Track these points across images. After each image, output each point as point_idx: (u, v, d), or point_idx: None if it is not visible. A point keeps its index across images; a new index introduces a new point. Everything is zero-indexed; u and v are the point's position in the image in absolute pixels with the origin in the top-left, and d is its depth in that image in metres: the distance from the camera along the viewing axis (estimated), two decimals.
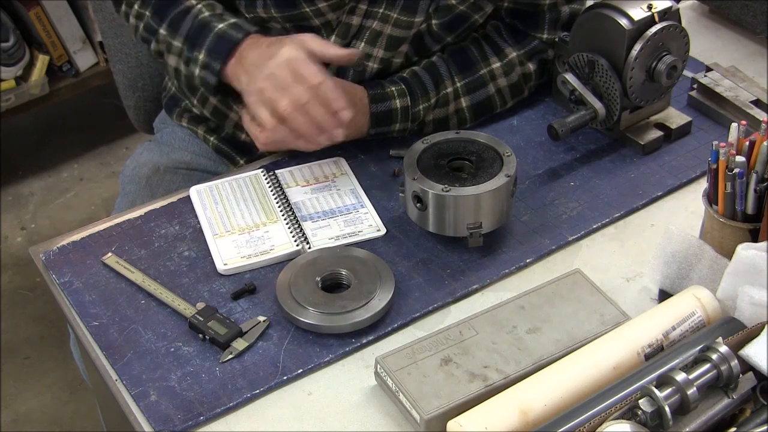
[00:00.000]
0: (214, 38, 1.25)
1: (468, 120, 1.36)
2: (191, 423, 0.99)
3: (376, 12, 1.30)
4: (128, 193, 1.46)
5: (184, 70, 1.29)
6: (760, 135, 1.04)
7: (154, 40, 1.32)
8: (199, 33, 1.26)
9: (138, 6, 1.33)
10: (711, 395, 0.91)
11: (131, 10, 1.34)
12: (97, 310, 1.11)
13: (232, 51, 1.24)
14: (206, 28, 1.26)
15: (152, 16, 1.31)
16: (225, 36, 1.25)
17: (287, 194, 1.26)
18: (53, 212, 2.65)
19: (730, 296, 1.01)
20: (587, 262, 1.16)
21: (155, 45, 1.32)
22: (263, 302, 1.12)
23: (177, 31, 1.28)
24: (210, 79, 1.26)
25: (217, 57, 1.24)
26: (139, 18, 1.33)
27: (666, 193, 1.26)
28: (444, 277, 1.14)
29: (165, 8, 1.30)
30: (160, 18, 1.30)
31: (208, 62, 1.25)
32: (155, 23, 1.31)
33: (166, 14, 1.30)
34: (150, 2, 1.31)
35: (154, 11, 1.31)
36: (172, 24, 1.29)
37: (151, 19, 1.31)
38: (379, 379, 1.01)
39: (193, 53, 1.27)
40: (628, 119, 1.33)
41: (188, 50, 1.27)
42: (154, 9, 1.31)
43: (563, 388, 0.94)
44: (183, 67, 1.29)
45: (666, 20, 1.26)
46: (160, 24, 1.30)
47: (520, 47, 1.36)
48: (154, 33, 1.31)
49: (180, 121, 1.49)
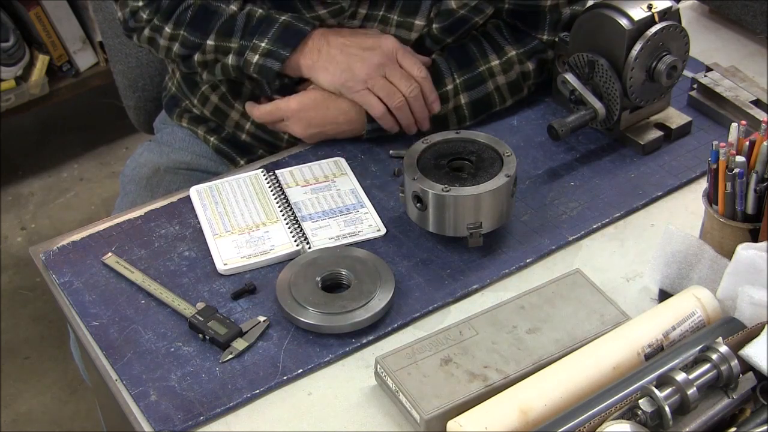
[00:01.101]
0: (280, 28, 1.26)
1: (467, 117, 1.36)
2: (191, 423, 0.99)
3: (376, 15, 1.30)
4: (128, 193, 1.46)
5: (233, 60, 1.29)
6: (760, 135, 1.04)
7: (200, 52, 1.31)
8: (260, 24, 1.27)
9: (170, 29, 1.31)
10: (711, 395, 0.91)
11: (159, 33, 1.33)
12: (97, 310, 1.11)
13: (302, 40, 1.26)
14: (267, 20, 1.27)
15: (191, 33, 1.30)
16: (292, 26, 1.26)
17: (287, 194, 1.26)
18: (53, 212, 2.65)
19: (730, 296, 1.01)
20: (587, 262, 1.16)
21: (200, 56, 1.31)
22: (263, 302, 1.12)
23: (231, 34, 1.28)
24: (273, 65, 1.26)
25: (286, 45, 1.26)
26: (173, 39, 1.32)
27: (666, 193, 1.26)
28: (444, 277, 1.14)
29: (203, 21, 1.30)
30: (202, 33, 1.30)
31: (272, 50, 1.26)
32: (197, 38, 1.30)
33: (208, 28, 1.29)
34: (184, 22, 1.30)
35: (192, 28, 1.30)
36: (221, 32, 1.29)
37: (190, 35, 1.30)
38: (379, 379, 1.01)
39: (252, 42, 1.27)
40: (628, 119, 1.33)
41: (245, 39, 1.27)
42: (192, 26, 1.30)
43: (563, 388, 0.94)
44: (233, 58, 1.29)
45: (666, 20, 1.26)
46: (205, 37, 1.29)
47: (519, 46, 1.36)
48: (198, 46, 1.31)
49: (180, 121, 1.49)
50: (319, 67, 1.27)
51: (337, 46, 1.27)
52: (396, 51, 1.27)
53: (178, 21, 1.31)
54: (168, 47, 1.34)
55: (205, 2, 1.30)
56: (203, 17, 1.30)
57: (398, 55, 1.27)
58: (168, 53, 1.35)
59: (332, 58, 1.26)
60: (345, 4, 1.28)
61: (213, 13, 1.29)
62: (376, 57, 1.26)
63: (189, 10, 1.30)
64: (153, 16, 1.32)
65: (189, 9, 1.30)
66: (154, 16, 1.32)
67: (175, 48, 1.33)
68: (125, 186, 1.48)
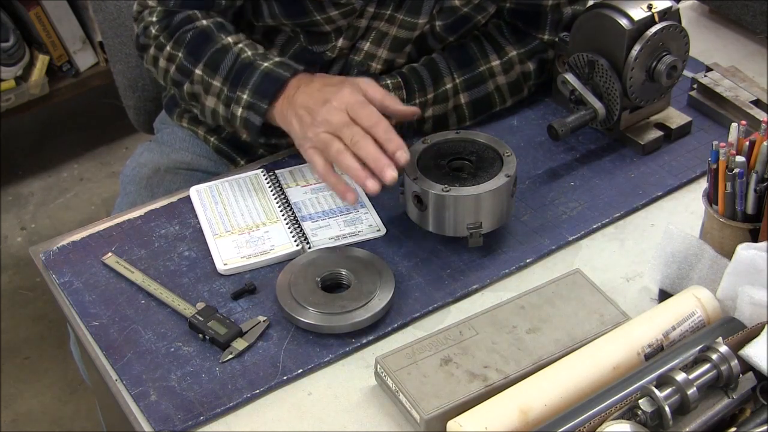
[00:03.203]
0: (259, 77, 1.21)
1: (467, 117, 1.36)
2: (191, 423, 0.99)
3: (384, 13, 1.30)
4: (128, 193, 1.46)
5: (223, 111, 1.24)
6: (760, 135, 1.04)
7: (188, 81, 1.27)
8: (242, 72, 1.22)
9: (170, 47, 1.28)
10: (711, 395, 0.91)
11: (161, 52, 1.30)
12: (97, 310, 1.11)
13: (279, 90, 1.20)
14: (250, 67, 1.22)
15: (186, 57, 1.26)
16: (271, 74, 1.20)
17: (287, 194, 1.26)
18: (53, 212, 2.65)
19: (730, 296, 1.01)
20: (587, 262, 1.16)
21: (189, 86, 1.27)
22: (263, 302, 1.12)
23: (216, 70, 1.24)
24: (255, 120, 1.21)
25: (264, 96, 1.20)
26: (171, 60, 1.28)
27: (666, 193, 1.26)
28: (444, 277, 1.14)
29: (200, 47, 1.26)
30: (195, 58, 1.26)
31: (252, 102, 1.21)
32: (190, 64, 1.26)
33: (202, 54, 1.25)
34: (183, 42, 1.27)
35: (188, 51, 1.26)
36: (210, 64, 1.24)
37: (185, 59, 1.27)
38: (379, 379, 1.01)
39: (236, 93, 1.22)
40: (628, 119, 1.33)
41: (230, 90, 1.23)
42: (188, 49, 1.26)
43: (563, 388, 0.94)
44: (222, 108, 1.24)
45: (666, 20, 1.26)
46: (196, 64, 1.25)
47: (520, 46, 1.36)
48: (189, 74, 1.27)
49: (180, 121, 1.49)
50: (287, 121, 1.20)
51: (303, 99, 1.18)
52: (351, 105, 1.14)
53: (178, 40, 1.27)
54: (166, 69, 1.30)
55: (208, 29, 1.26)
56: (200, 42, 1.26)
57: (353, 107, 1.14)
58: (165, 76, 1.31)
59: (296, 112, 1.18)
60: (357, 5, 1.28)
61: (210, 40, 1.25)
62: (323, 113, 1.15)
63: (190, 32, 1.27)
64: (161, 33, 1.29)
65: (191, 31, 1.27)
66: (162, 33, 1.29)
67: (172, 71, 1.29)
68: (125, 186, 1.48)
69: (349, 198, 1.15)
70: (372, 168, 1.11)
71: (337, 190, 1.16)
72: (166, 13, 1.30)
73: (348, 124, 1.13)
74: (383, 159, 1.11)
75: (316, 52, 1.34)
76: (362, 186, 1.12)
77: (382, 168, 1.10)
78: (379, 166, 1.11)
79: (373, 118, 1.13)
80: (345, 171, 1.14)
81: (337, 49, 1.33)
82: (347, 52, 1.35)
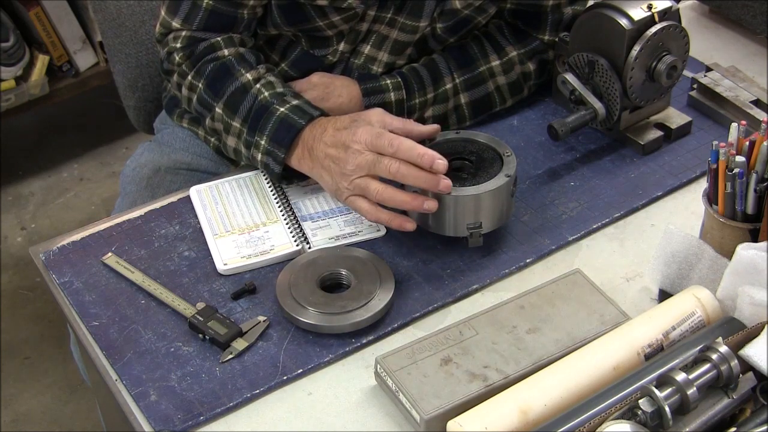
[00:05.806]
0: (276, 124, 1.21)
1: (467, 117, 1.36)
2: (191, 423, 0.99)
3: (384, 17, 1.30)
4: (128, 193, 1.46)
5: (245, 151, 1.25)
6: (760, 135, 1.04)
7: (210, 117, 1.28)
8: (260, 116, 1.22)
9: (191, 77, 1.29)
10: (711, 395, 0.91)
11: (184, 80, 1.31)
12: (97, 310, 1.11)
13: (295, 138, 1.20)
14: (267, 112, 1.22)
15: (206, 90, 1.27)
16: (287, 121, 1.20)
17: (287, 194, 1.26)
18: (53, 212, 2.65)
19: (730, 296, 1.01)
20: (587, 262, 1.16)
21: (210, 122, 1.29)
22: (263, 302, 1.12)
23: (236, 112, 1.24)
24: (275, 168, 1.21)
25: (281, 145, 1.20)
26: (192, 89, 1.30)
27: (666, 193, 1.26)
28: (444, 277, 1.14)
29: (219, 82, 1.26)
30: (214, 93, 1.26)
31: (270, 149, 1.21)
32: (209, 98, 1.27)
33: (221, 90, 1.26)
34: (204, 74, 1.27)
35: (208, 84, 1.27)
36: (229, 104, 1.25)
37: (204, 92, 1.27)
38: (379, 379, 1.01)
39: (254, 138, 1.22)
40: (628, 119, 1.33)
41: (248, 134, 1.23)
42: (207, 82, 1.27)
43: (563, 388, 0.94)
44: (243, 149, 1.25)
45: (666, 20, 1.26)
46: (216, 100, 1.26)
47: (520, 46, 1.36)
48: (210, 108, 1.28)
49: (180, 121, 1.49)
50: (315, 174, 1.20)
51: (324, 154, 1.17)
52: (369, 142, 1.13)
53: (199, 71, 1.28)
54: (189, 98, 1.31)
55: (229, 62, 1.26)
56: (221, 77, 1.26)
57: (374, 140, 1.13)
58: (189, 104, 1.32)
59: (321, 163, 1.17)
60: (359, 10, 1.28)
61: (230, 75, 1.26)
62: (350, 160, 1.13)
63: (212, 63, 1.27)
64: (184, 62, 1.30)
65: (212, 62, 1.27)
66: (185, 62, 1.30)
67: (194, 101, 1.30)
68: (125, 186, 1.48)
69: (409, 226, 1.14)
70: (427, 188, 1.11)
71: (395, 225, 1.14)
72: (190, 40, 1.30)
73: (376, 160, 1.12)
74: (430, 176, 1.10)
75: (317, 56, 1.34)
76: (421, 210, 1.12)
77: (437, 184, 1.10)
78: (432, 183, 1.10)
79: (394, 143, 1.12)
80: (398, 206, 1.13)
81: (338, 53, 1.34)
82: (348, 56, 1.35)
